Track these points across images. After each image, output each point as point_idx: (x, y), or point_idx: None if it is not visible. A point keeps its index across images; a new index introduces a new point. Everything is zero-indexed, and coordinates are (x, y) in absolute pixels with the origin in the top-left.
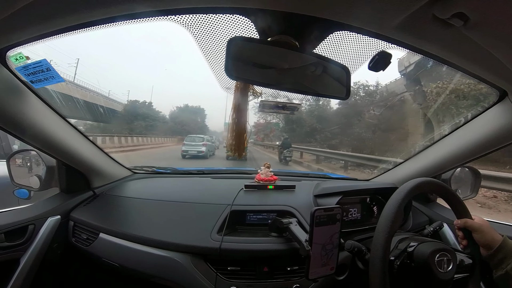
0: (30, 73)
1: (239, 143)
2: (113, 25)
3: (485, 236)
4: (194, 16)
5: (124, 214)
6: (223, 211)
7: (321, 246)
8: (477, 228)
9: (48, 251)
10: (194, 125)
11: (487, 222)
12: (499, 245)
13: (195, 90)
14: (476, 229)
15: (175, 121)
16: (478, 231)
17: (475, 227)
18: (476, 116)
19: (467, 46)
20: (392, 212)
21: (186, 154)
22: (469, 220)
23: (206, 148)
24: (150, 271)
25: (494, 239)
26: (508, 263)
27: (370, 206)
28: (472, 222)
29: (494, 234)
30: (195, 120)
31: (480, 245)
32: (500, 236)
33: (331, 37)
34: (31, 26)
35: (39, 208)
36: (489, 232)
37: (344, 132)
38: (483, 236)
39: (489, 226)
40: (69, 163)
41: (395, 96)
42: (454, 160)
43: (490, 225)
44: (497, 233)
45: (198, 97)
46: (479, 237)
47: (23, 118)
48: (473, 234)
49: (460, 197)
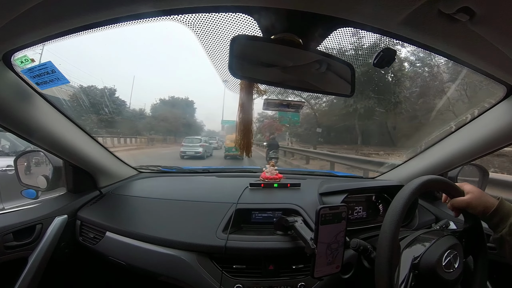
0: (36, 75)
1: (247, 141)
2: (117, 26)
3: (476, 207)
4: (197, 16)
5: (130, 213)
6: (228, 210)
7: (326, 244)
8: (465, 205)
9: (55, 250)
10: (176, 121)
11: (476, 192)
12: (494, 209)
13: (192, 88)
14: (465, 206)
15: (153, 116)
16: (469, 207)
17: (463, 205)
18: (483, 112)
19: (473, 41)
20: (398, 211)
21: (184, 155)
22: (455, 200)
23: (203, 149)
24: (156, 269)
25: (487, 205)
26: (503, 227)
27: (376, 204)
28: (459, 202)
29: (487, 201)
30: (179, 116)
31: (477, 215)
32: (496, 200)
33: (335, 34)
34: (36, 29)
35: (47, 207)
36: (480, 203)
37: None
38: (475, 208)
39: (479, 195)
40: (75, 163)
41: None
42: (461, 158)
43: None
44: (491, 198)
45: (195, 95)
46: (472, 211)
47: (30, 120)
48: (466, 210)
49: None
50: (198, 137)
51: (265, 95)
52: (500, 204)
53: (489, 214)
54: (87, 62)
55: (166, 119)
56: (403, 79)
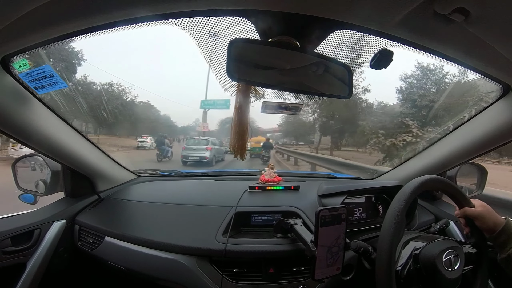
0: (34, 79)
1: (242, 144)
2: (115, 30)
3: (486, 222)
4: (194, 19)
5: (129, 218)
6: (228, 213)
7: (326, 246)
8: (477, 215)
9: (54, 255)
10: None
11: (488, 207)
12: (501, 228)
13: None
14: (476, 216)
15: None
16: (479, 218)
17: (474, 215)
18: (480, 111)
19: (469, 41)
20: (397, 211)
21: (187, 161)
22: (468, 208)
23: (210, 153)
24: (155, 274)
25: (496, 223)
26: (511, 246)
27: (376, 205)
28: (471, 210)
29: (496, 218)
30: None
31: (483, 230)
32: (503, 219)
33: (332, 36)
34: (34, 33)
35: (45, 212)
36: (491, 217)
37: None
38: (484, 222)
39: (490, 210)
40: (74, 167)
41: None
42: (459, 157)
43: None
44: (499, 217)
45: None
46: (480, 224)
47: (28, 124)
48: (475, 222)
49: (466, 194)
50: (205, 138)
51: (263, 97)
52: (507, 223)
53: (496, 233)
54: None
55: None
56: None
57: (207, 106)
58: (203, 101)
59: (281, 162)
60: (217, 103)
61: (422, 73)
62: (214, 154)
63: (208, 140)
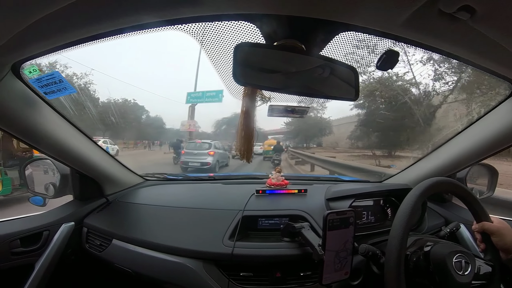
0: (44, 85)
1: (248, 148)
2: (121, 36)
3: (504, 239)
4: (200, 25)
5: (137, 221)
6: (235, 217)
7: (334, 250)
8: (496, 231)
9: (62, 256)
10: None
11: (507, 225)
12: None
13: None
14: (495, 232)
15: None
16: (497, 235)
17: (493, 230)
18: (489, 111)
19: (476, 40)
20: (406, 214)
21: (187, 167)
22: (486, 223)
23: (213, 159)
24: (162, 277)
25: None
26: None
27: (384, 209)
28: (490, 225)
29: None
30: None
31: (499, 249)
32: None
33: (337, 38)
34: (43, 40)
35: (54, 214)
36: (509, 235)
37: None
38: (502, 239)
39: (509, 228)
40: (82, 171)
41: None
42: (468, 158)
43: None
44: None
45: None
46: (497, 241)
47: (38, 128)
48: (491, 238)
49: (477, 197)
50: (207, 141)
51: (270, 101)
52: None
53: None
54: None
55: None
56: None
57: (195, 99)
58: (189, 93)
59: (293, 167)
60: (207, 95)
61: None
62: (217, 160)
63: (211, 143)
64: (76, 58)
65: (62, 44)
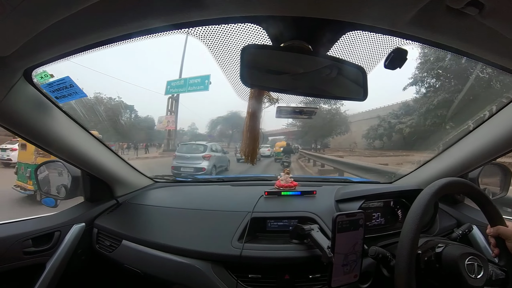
0: (55, 89)
1: (253, 149)
2: (130, 41)
3: None
4: (207, 28)
5: (146, 222)
6: (243, 218)
7: (343, 253)
8: (510, 236)
9: (72, 256)
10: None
11: None
12: None
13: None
14: (510, 237)
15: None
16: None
17: (508, 235)
18: (501, 108)
19: (485, 35)
20: (418, 214)
21: (179, 172)
22: (502, 227)
23: (209, 163)
24: (171, 278)
25: None
26: None
27: (394, 210)
28: (505, 229)
29: None
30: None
31: None
32: None
33: (344, 38)
34: (54, 46)
35: (65, 215)
36: None
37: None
38: None
39: None
40: (93, 173)
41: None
42: (481, 157)
43: None
44: None
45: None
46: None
47: (50, 132)
48: (506, 243)
49: (490, 198)
50: (202, 143)
51: (277, 102)
52: None
53: None
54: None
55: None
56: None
57: (176, 89)
58: (169, 82)
59: (305, 168)
60: (190, 82)
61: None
62: (214, 164)
63: (206, 145)
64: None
65: (72, 50)
